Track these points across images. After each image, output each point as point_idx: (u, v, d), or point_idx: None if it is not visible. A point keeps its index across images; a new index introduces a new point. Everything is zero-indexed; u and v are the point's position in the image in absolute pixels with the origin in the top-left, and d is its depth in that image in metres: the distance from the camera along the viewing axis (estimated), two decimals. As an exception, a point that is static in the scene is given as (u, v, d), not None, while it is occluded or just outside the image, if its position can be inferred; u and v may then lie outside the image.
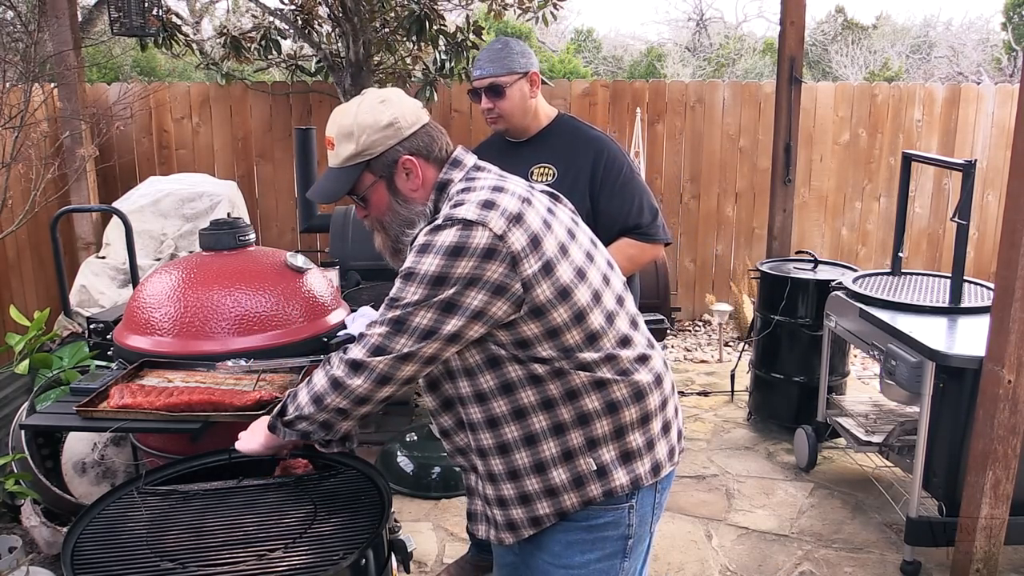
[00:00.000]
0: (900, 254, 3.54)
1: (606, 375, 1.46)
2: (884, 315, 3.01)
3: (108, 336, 2.56)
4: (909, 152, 3.51)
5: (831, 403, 3.63)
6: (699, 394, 4.69)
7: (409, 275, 1.39)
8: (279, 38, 5.37)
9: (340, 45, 5.18)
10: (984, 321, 2.63)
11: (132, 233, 3.32)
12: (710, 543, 3.08)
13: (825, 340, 3.58)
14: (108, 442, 3.02)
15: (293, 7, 5.24)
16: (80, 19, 6.41)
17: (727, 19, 17.65)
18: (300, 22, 5.24)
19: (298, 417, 1.52)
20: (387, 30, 5.27)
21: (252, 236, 2.60)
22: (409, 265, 1.40)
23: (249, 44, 5.36)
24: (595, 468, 1.48)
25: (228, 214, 3.34)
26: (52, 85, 4.68)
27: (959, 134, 6.08)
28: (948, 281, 3.24)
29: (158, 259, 4.42)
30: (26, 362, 2.29)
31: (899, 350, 2.82)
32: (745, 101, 5.94)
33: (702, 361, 5.38)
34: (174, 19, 5.25)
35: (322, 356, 2.25)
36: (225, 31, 5.49)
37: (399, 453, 3.54)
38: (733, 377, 4.66)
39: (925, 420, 2.77)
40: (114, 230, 4.60)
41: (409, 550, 1.72)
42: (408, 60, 5.51)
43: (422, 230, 1.43)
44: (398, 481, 3.42)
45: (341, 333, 2.45)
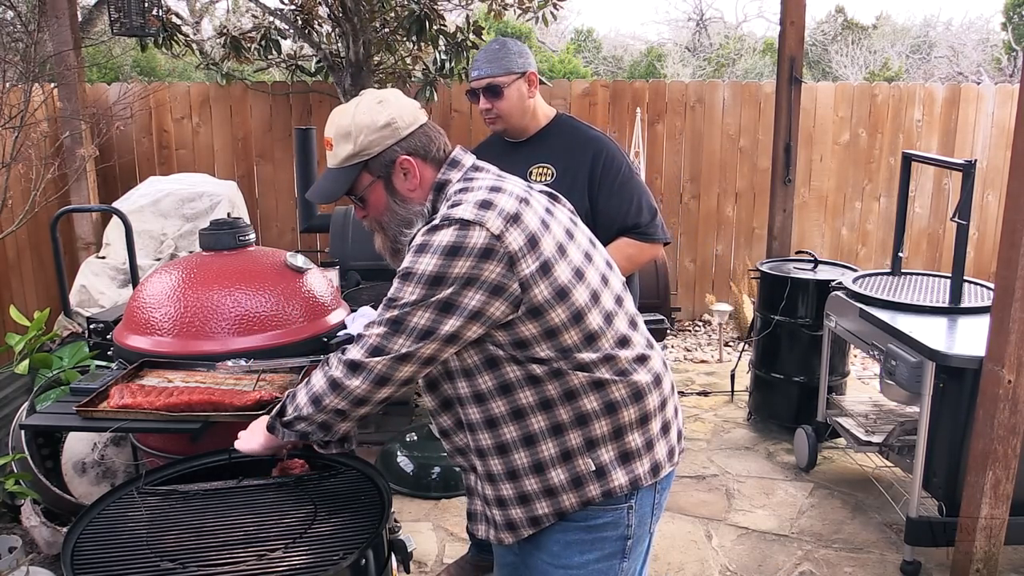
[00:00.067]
0: (900, 254, 3.54)
1: (604, 375, 1.46)
2: (884, 315, 3.01)
3: (108, 336, 2.57)
4: (909, 152, 3.51)
5: (831, 403, 3.63)
6: (699, 394, 4.69)
7: (407, 275, 1.40)
8: (279, 38, 5.37)
9: (340, 45, 5.18)
10: (984, 321, 2.63)
11: (132, 233, 3.32)
12: (710, 543, 3.08)
13: (825, 340, 3.58)
14: (108, 442, 3.02)
15: (293, 7, 5.24)
16: (80, 19, 6.41)
17: (727, 19, 17.67)
18: (300, 22, 5.24)
19: (297, 418, 1.53)
20: (387, 30, 5.27)
21: (252, 236, 2.60)
22: (407, 265, 1.40)
23: (249, 44, 5.36)
24: (594, 468, 1.48)
25: (228, 214, 3.34)
26: (52, 85, 4.68)
27: (959, 134, 6.08)
28: (948, 281, 3.24)
29: (158, 259, 4.42)
30: (26, 362, 2.29)
31: (899, 350, 2.82)
32: (745, 101, 5.94)
33: (702, 361, 5.38)
34: (174, 19, 5.25)
35: (322, 356, 2.25)
36: (225, 31, 5.49)
37: (399, 453, 3.55)
38: (733, 377, 4.66)
39: (925, 420, 2.77)
40: (114, 230, 4.60)
41: (409, 550, 1.72)
42: (408, 60, 5.51)
43: (420, 230, 1.44)
44: (398, 481, 3.42)
45: (341, 333, 2.45)
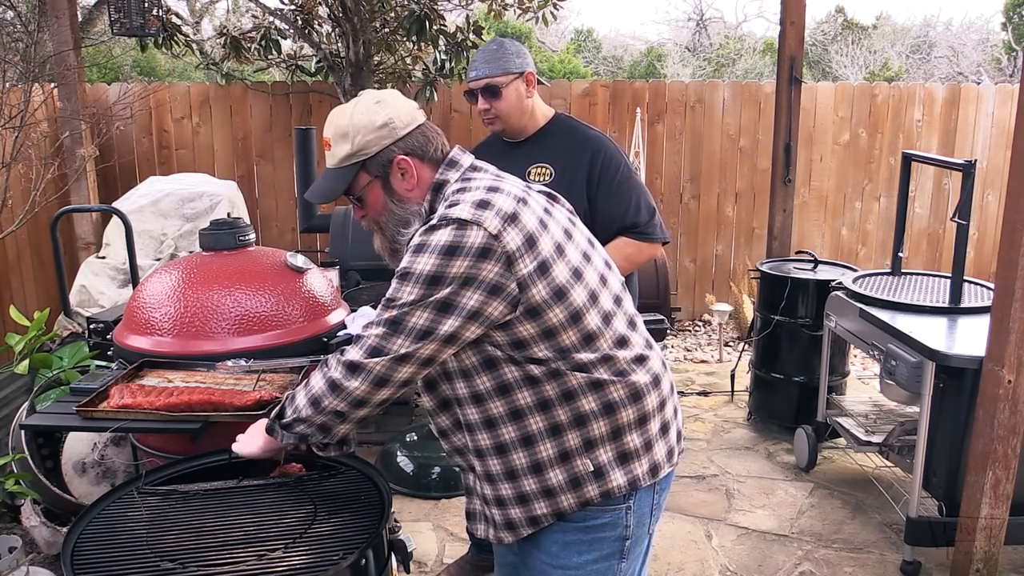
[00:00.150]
0: (900, 254, 3.54)
1: (603, 376, 1.46)
2: (884, 315, 3.00)
3: (108, 336, 2.57)
4: (909, 152, 3.51)
5: (831, 403, 3.63)
6: (699, 394, 4.69)
7: (405, 275, 1.40)
8: (279, 38, 5.37)
9: (340, 45, 5.18)
10: (984, 321, 2.63)
11: (132, 233, 3.32)
12: (710, 543, 3.08)
13: (825, 340, 3.58)
14: (108, 442, 3.02)
15: (293, 7, 5.24)
16: (80, 19, 6.41)
17: (727, 19, 17.68)
18: (300, 22, 5.24)
19: (296, 419, 1.52)
20: (387, 30, 5.27)
21: (252, 236, 2.60)
22: (405, 265, 1.40)
23: (249, 44, 5.36)
24: (592, 469, 1.48)
25: (228, 214, 3.34)
26: (52, 85, 4.68)
27: (959, 134, 6.08)
28: (948, 281, 3.24)
29: (158, 259, 4.42)
30: (26, 362, 2.29)
31: (899, 350, 2.82)
32: (745, 101, 5.94)
33: (702, 361, 5.38)
34: (174, 19, 5.25)
35: (322, 356, 2.25)
36: (225, 31, 5.49)
37: (399, 453, 3.55)
38: (733, 377, 4.66)
39: (925, 420, 2.77)
40: (114, 230, 4.60)
41: (409, 550, 1.72)
42: (408, 60, 5.51)
43: (418, 231, 1.44)
44: (398, 481, 3.42)
45: (341, 333, 2.45)
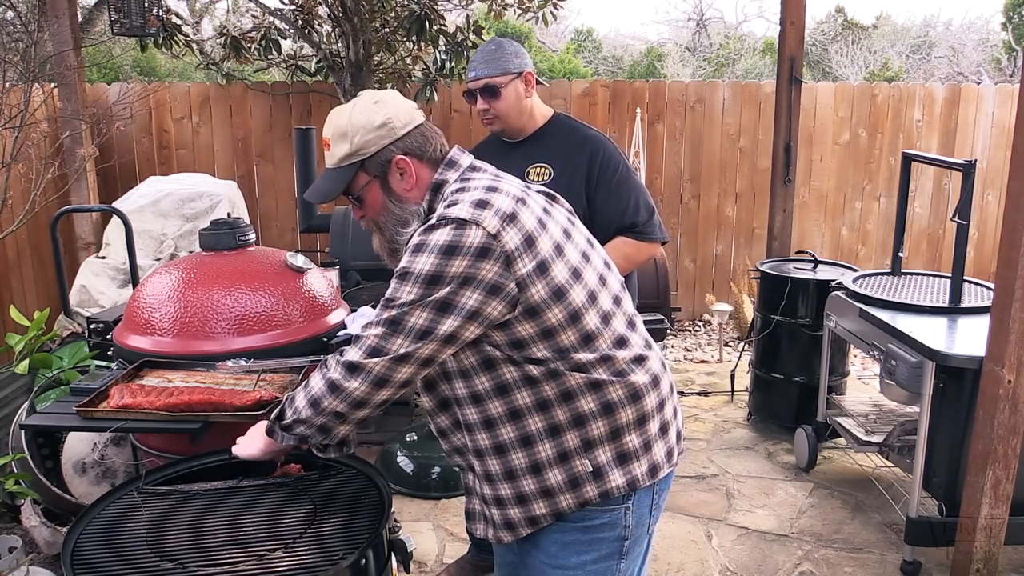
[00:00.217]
0: (900, 254, 3.54)
1: (602, 376, 1.46)
2: (884, 315, 3.00)
3: (108, 336, 2.56)
4: (909, 152, 3.51)
5: (831, 403, 3.63)
6: (699, 394, 4.69)
7: (404, 275, 1.40)
8: (279, 38, 5.37)
9: (340, 45, 5.18)
10: (984, 321, 2.63)
11: (132, 233, 3.32)
12: (710, 543, 3.08)
13: (825, 340, 3.58)
14: (108, 442, 3.02)
15: (293, 7, 5.24)
16: (80, 19, 6.41)
17: (727, 19, 17.68)
18: (300, 22, 5.24)
19: (296, 421, 1.52)
20: (387, 30, 5.27)
21: (252, 236, 2.60)
22: (404, 265, 1.40)
23: (249, 44, 5.36)
24: (591, 469, 1.48)
25: (228, 214, 3.34)
26: (52, 85, 4.68)
27: (959, 134, 6.08)
28: (948, 281, 3.24)
29: (158, 259, 4.42)
30: (26, 362, 2.30)
31: (899, 350, 2.82)
32: (745, 101, 5.94)
33: (702, 361, 5.38)
34: (174, 19, 5.25)
35: (322, 356, 2.25)
36: (225, 31, 5.49)
37: (399, 453, 3.55)
38: (733, 377, 4.66)
39: (925, 420, 2.77)
40: (114, 230, 4.60)
41: (409, 550, 1.72)
42: (408, 60, 5.51)
43: (417, 230, 1.44)
44: (398, 481, 3.42)
45: (341, 333, 2.45)
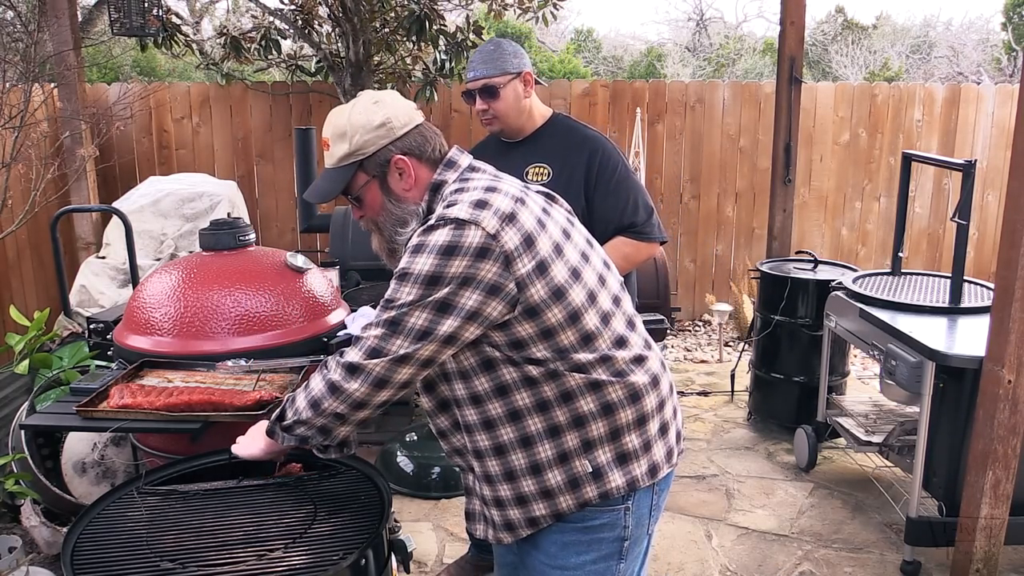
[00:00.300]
0: (900, 254, 3.54)
1: (601, 376, 1.46)
2: (884, 315, 3.00)
3: (108, 336, 2.56)
4: (909, 152, 3.51)
5: (831, 403, 3.63)
6: (699, 394, 4.69)
7: (403, 276, 1.40)
8: (279, 38, 5.37)
9: (340, 45, 5.18)
10: (984, 321, 2.63)
11: (132, 233, 3.32)
12: (710, 543, 3.08)
13: (825, 340, 3.58)
14: (108, 442, 3.02)
15: (293, 7, 5.24)
16: (80, 19, 6.41)
17: (727, 19, 17.68)
18: (300, 22, 5.24)
19: (296, 422, 1.52)
20: (387, 30, 5.27)
21: (252, 236, 2.60)
22: (403, 266, 1.40)
23: (249, 44, 5.36)
24: (591, 470, 1.47)
25: (228, 214, 3.34)
26: (52, 85, 4.68)
27: (959, 134, 6.08)
28: (948, 281, 3.24)
29: (158, 259, 4.42)
30: (26, 362, 2.30)
31: (899, 350, 2.82)
32: (745, 101, 5.94)
33: (702, 361, 5.38)
34: (174, 19, 5.25)
35: (322, 356, 2.25)
36: (225, 31, 5.49)
37: (399, 453, 3.55)
38: (733, 377, 4.66)
39: (925, 420, 2.77)
40: (114, 230, 4.60)
41: (409, 550, 1.72)
42: (408, 60, 5.51)
43: (416, 231, 1.44)
44: (398, 481, 3.42)
45: (341, 333, 2.45)
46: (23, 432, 2.91)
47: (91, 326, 2.67)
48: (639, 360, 1.52)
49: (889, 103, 6.02)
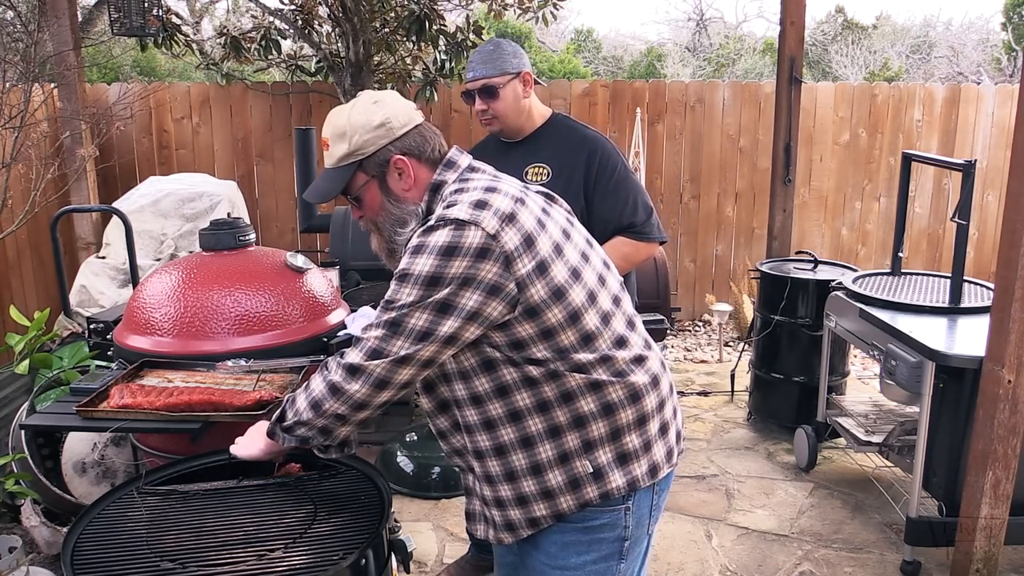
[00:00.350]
0: (900, 254, 3.54)
1: (601, 376, 1.46)
2: (884, 315, 3.00)
3: (108, 336, 2.56)
4: (909, 152, 3.51)
5: (831, 403, 3.63)
6: (699, 394, 4.69)
7: (404, 276, 1.40)
8: (279, 38, 5.37)
9: (340, 45, 5.18)
10: (984, 321, 2.63)
11: (132, 233, 3.32)
12: (710, 543, 3.08)
13: (825, 340, 3.58)
14: (108, 442, 3.02)
15: (293, 7, 5.24)
16: (80, 19, 6.41)
17: (727, 19, 17.69)
18: (300, 22, 5.24)
19: (297, 423, 1.53)
20: (387, 30, 5.27)
21: (252, 236, 2.60)
22: (403, 266, 1.40)
23: (249, 44, 5.36)
24: (591, 470, 1.47)
25: (228, 214, 3.34)
26: (52, 85, 4.68)
27: (959, 134, 6.08)
28: (948, 281, 3.24)
29: (158, 259, 4.42)
30: (26, 362, 2.29)
31: (899, 350, 2.82)
32: (745, 101, 5.94)
33: (702, 361, 5.38)
34: (174, 19, 5.25)
35: (322, 356, 2.25)
36: (225, 31, 5.49)
37: (399, 453, 3.55)
38: (733, 377, 4.66)
39: (925, 420, 2.77)
40: (114, 230, 4.60)
41: (409, 550, 1.72)
42: (408, 60, 5.51)
43: (416, 231, 1.44)
44: (398, 481, 3.42)
45: (341, 333, 2.45)
46: (23, 432, 2.92)
47: (91, 326, 2.67)
48: (639, 360, 1.52)
49: (889, 103, 6.02)
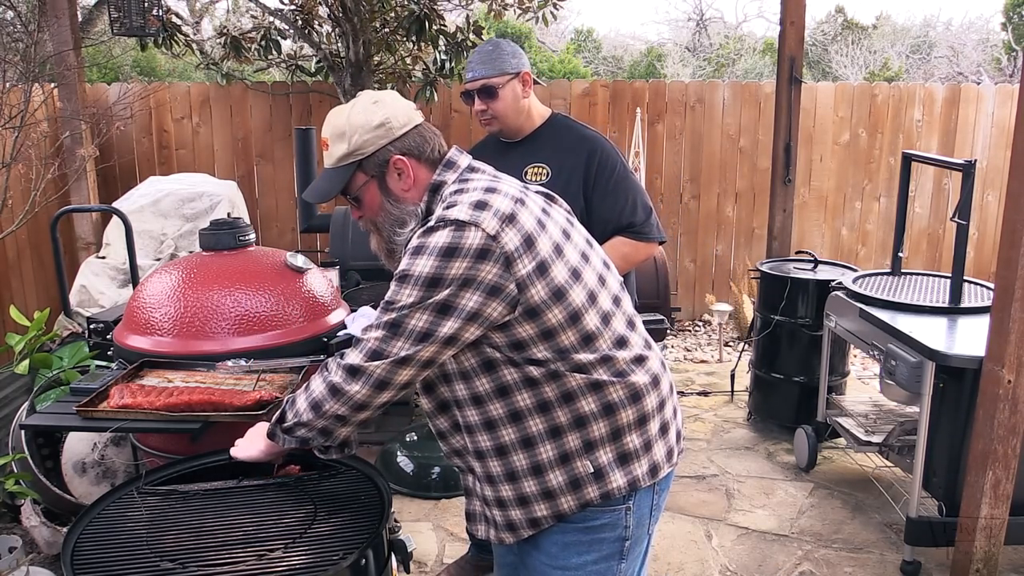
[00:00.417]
0: (900, 254, 3.54)
1: (602, 377, 1.46)
2: (884, 315, 3.01)
3: (108, 336, 2.56)
4: (909, 152, 3.51)
5: (831, 403, 3.63)
6: (699, 394, 4.69)
7: (404, 277, 1.39)
8: (279, 38, 5.37)
9: (340, 45, 5.18)
10: (984, 321, 2.63)
11: (132, 233, 3.32)
12: (710, 543, 3.08)
13: (825, 340, 3.58)
14: (108, 442, 3.02)
15: (293, 7, 5.24)
16: (80, 19, 6.41)
17: (727, 19, 17.69)
18: (300, 22, 5.24)
19: (297, 424, 1.53)
20: (387, 30, 5.27)
21: (252, 236, 2.60)
22: (403, 267, 1.40)
23: (249, 44, 5.36)
24: (592, 470, 1.47)
25: (228, 214, 3.34)
26: (52, 85, 4.68)
27: (959, 134, 6.08)
28: (948, 281, 3.24)
29: (158, 259, 4.42)
30: (26, 362, 2.30)
31: (899, 350, 2.82)
32: (745, 101, 5.94)
33: (702, 361, 5.38)
34: (174, 19, 5.25)
35: (322, 356, 2.25)
36: (225, 31, 5.49)
37: (399, 453, 3.55)
38: (733, 377, 4.66)
39: (925, 420, 2.77)
40: (114, 230, 4.60)
41: (409, 550, 1.72)
42: (408, 60, 5.51)
43: (415, 232, 1.44)
44: (398, 481, 3.42)
45: (341, 333, 2.45)
46: (23, 432, 2.91)
47: (91, 326, 2.67)
48: (639, 360, 1.52)
49: (889, 103, 6.02)
